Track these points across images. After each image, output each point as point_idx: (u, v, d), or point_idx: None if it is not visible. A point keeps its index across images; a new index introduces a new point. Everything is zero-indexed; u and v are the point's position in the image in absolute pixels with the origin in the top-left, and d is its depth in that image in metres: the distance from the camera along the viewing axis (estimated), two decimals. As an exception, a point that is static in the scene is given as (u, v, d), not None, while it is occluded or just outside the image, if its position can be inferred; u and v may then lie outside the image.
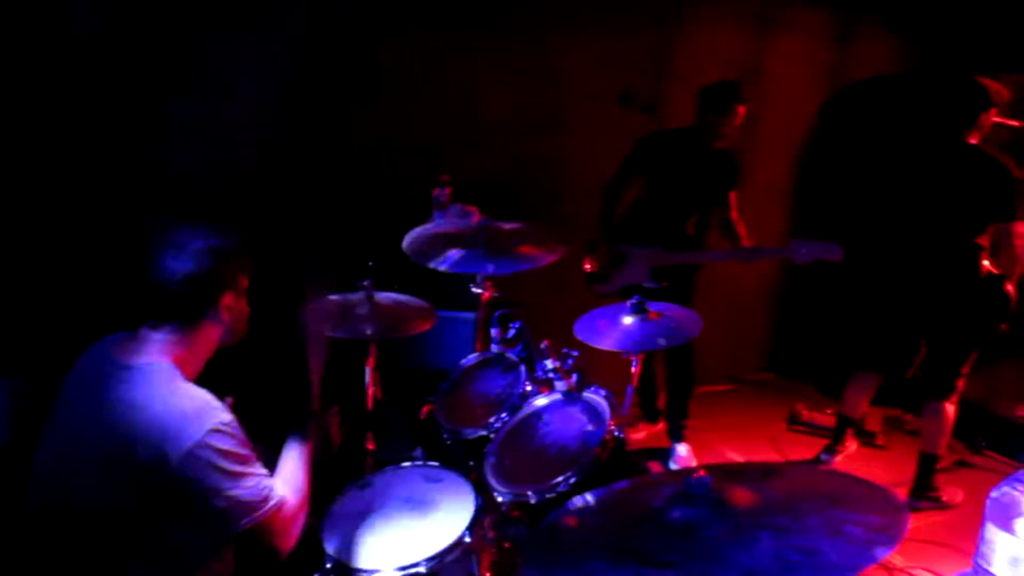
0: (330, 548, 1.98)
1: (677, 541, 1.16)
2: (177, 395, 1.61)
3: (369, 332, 2.51)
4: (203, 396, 1.63)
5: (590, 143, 4.15)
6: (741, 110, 3.69)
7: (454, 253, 2.75)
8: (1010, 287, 3.42)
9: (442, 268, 2.69)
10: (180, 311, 1.69)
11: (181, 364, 1.68)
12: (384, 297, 2.66)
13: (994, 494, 0.93)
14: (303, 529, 1.77)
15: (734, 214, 3.86)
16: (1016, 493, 0.91)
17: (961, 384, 3.60)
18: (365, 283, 2.60)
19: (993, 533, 0.92)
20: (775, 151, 5.00)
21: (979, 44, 4.64)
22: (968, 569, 1.00)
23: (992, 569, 0.93)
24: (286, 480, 1.78)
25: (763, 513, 1.19)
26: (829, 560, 1.07)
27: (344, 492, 2.18)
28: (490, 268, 2.74)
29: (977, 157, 3.38)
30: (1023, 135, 4.04)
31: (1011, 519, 0.90)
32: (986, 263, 3.42)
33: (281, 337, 1.94)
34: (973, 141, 3.43)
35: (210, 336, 1.76)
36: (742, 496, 1.22)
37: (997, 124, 3.62)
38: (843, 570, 1.05)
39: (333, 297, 2.62)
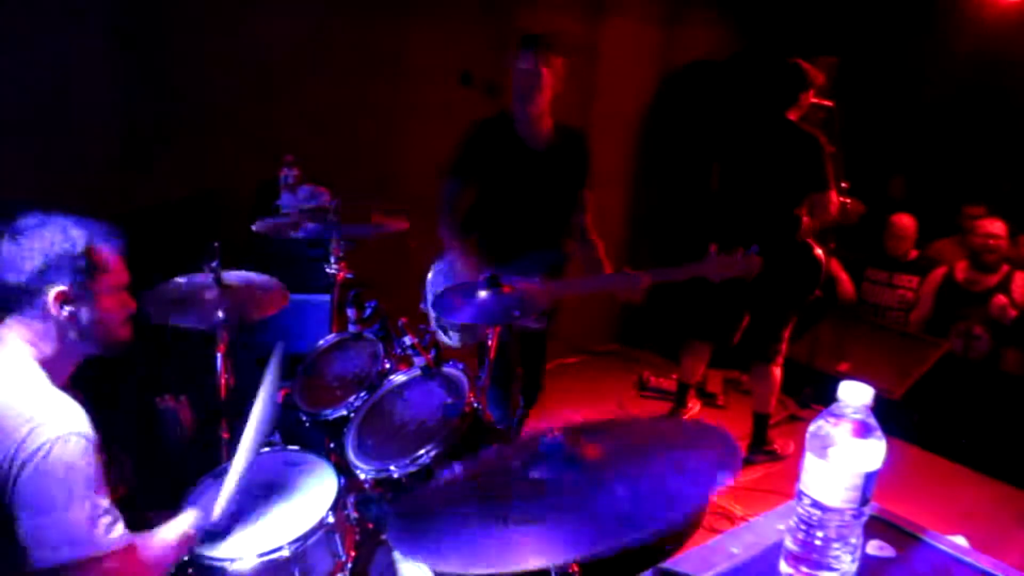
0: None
1: (540, 498, 1.19)
2: (34, 388, 1.50)
3: (219, 317, 2.40)
4: (63, 397, 1.52)
5: (433, 125, 4.13)
6: (555, 60, 2.92)
7: (310, 226, 2.75)
8: (819, 253, 3.74)
9: (300, 236, 2.68)
10: (10, 301, 1.59)
11: (42, 364, 1.58)
12: (233, 277, 2.52)
13: (812, 428, 1.04)
14: None
15: (588, 218, 3.15)
16: (829, 425, 1.03)
17: (784, 347, 3.92)
18: (212, 264, 2.46)
19: (811, 461, 1.04)
20: (613, 131, 5.15)
21: (796, 30, 4.99)
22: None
23: (810, 493, 1.04)
24: (155, 542, 1.66)
25: (614, 463, 1.24)
26: (680, 491, 1.13)
27: (199, 483, 2.11)
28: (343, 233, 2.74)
29: (794, 132, 3.65)
30: (836, 114, 4.40)
31: (825, 448, 1.01)
32: (802, 231, 3.72)
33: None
34: (792, 119, 3.71)
35: (60, 335, 1.62)
36: (592, 451, 1.27)
37: (814, 104, 3.93)
38: (691, 498, 1.11)
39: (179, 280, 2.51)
